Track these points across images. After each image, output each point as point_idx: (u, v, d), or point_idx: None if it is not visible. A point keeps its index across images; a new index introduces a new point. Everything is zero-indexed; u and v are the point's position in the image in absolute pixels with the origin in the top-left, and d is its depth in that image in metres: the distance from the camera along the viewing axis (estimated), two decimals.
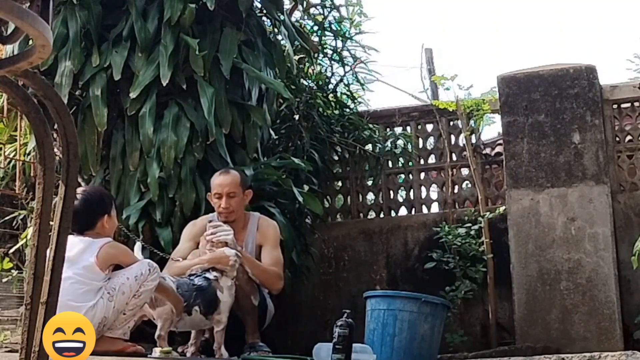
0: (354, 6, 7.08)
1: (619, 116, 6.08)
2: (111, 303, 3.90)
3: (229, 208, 4.78)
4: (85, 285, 3.89)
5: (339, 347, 4.12)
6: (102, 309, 3.88)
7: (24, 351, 1.52)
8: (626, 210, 5.88)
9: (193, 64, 5.09)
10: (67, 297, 3.71)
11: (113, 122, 5.29)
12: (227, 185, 4.78)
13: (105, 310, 3.89)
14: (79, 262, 3.92)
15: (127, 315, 4.00)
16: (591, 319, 5.49)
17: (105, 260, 3.97)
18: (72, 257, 3.83)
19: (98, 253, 3.95)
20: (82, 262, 3.92)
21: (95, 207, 4.14)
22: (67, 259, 3.94)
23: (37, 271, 1.46)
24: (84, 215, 4.04)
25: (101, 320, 3.89)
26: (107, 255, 3.98)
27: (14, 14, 1.10)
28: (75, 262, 3.89)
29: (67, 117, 1.42)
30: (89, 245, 3.99)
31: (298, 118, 6.41)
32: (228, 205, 4.77)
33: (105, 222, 4.14)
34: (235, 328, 4.60)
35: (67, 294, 3.76)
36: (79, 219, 3.95)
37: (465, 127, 6.32)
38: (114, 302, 3.91)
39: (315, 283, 6.44)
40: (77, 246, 3.95)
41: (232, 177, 4.82)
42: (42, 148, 1.41)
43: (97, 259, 3.94)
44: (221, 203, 4.78)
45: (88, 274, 3.91)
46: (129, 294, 3.94)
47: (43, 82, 1.37)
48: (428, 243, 6.31)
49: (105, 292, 3.92)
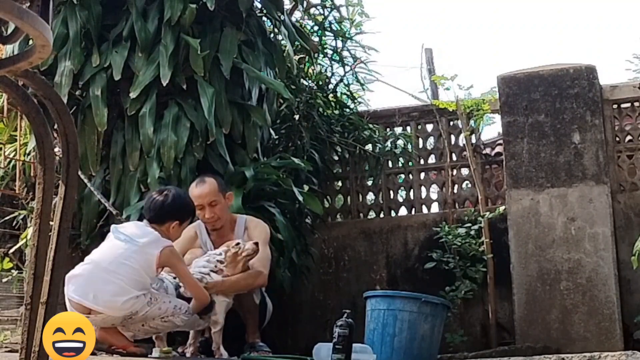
0: (354, 6, 7.08)
1: (619, 116, 6.08)
2: (148, 307, 3.99)
3: (214, 217, 4.71)
4: (140, 276, 3.98)
5: (339, 347, 4.12)
6: (139, 305, 3.97)
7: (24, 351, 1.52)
8: (626, 210, 5.88)
9: (193, 64, 5.09)
10: (121, 278, 3.89)
11: (113, 122, 5.29)
12: (206, 196, 4.68)
13: (141, 308, 3.97)
14: (143, 251, 4.01)
15: (144, 329, 4.09)
16: (591, 319, 5.49)
17: (164, 261, 4.08)
18: (138, 239, 4.01)
19: (162, 251, 4.04)
20: (145, 252, 4.02)
21: (177, 209, 4.28)
22: (133, 237, 4.04)
23: (37, 271, 1.46)
24: (164, 209, 4.21)
25: (133, 313, 3.96)
26: (167, 258, 4.08)
27: (14, 14, 1.10)
28: (140, 248, 4.01)
29: (67, 117, 1.42)
30: (157, 240, 4.09)
31: (298, 118, 6.41)
32: (212, 214, 4.70)
33: (173, 227, 4.26)
34: (235, 328, 4.60)
35: (123, 274, 3.91)
36: (157, 210, 4.19)
37: (465, 127, 6.32)
38: (149, 309, 4.00)
39: (315, 283, 6.44)
40: (147, 235, 4.09)
41: (209, 185, 4.71)
42: (42, 148, 1.41)
43: (159, 257, 4.03)
44: (205, 213, 4.71)
45: (146, 267, 4.01)
46: (161, 314, 4.04)
47: (43, 82, 1.37)
48: (428, 243, 6.31)
49: (149, 294, 4.02)
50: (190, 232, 4.79)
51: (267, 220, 5.22)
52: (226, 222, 4.79)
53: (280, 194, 5.54)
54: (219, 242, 4.75)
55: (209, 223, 4.75)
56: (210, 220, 4.72)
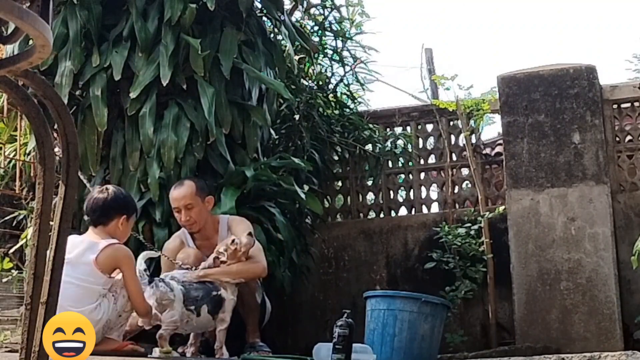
0: (354, 6, 7.08)
1: (619, 116, 6.08)
2: (115, 305, 3.90)
3: (190, 220, 4.68)
4: (83, 289, 3.86)
5: (339, 347, 4.12)
6: (105, 312, 3.88)
7: (24, 351, 1.52)
8: (626, 210, 5.88)
9: (193, 64, 5.09)
10: (67, 302, 3.67)
11: (113, 122, 5.29)
12: (182, 199, 4.66)
13: (110, 312, 3.89)
14: (79, 264, 3.89)
15: (122, 317, 4.00)
16: (591, 319, 5.49)
17: (105, 262, 3.94)
18: (72, 258, 3.79)
19: (99, 254, 3.93)
20: (81, 263, 3.90)
21: (119, 204, 4.18)
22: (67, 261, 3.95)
23: (37, 271, 1.46)
24: (105, 208, 4.10)
25: (105, 323, 3.88)
26: (108, 257, 3.95)
27: (14, 14, 1.10)
28: (75, 265, 3.85)
29: (67, 117, 1.42)
30: (91, 246, 3.97)
31: (298, 118, 6.41)
32: (188, 217, 4.67)
33: (121, 222, 4.16)
34: (236, 328, 4.60)
35: (66, 298, 3.75)
36: (98, 210, 4.06)
37: (465, 127, 6.32)
38: (117, 305, 3.91)
39: (315, 283, 6.44)
40: (78, 247, 3.94)
41: (186, 189, 4.68)
42: (42, 148, 1.41)
43: (96, 260, 3.91)
44: (181, 217, 4.69)
45: (87, 277, 3.89)
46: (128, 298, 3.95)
47: (43, 82, 1.37)
48: (428, 243, 6.31)
49: (110, 294, 3.92)
50: (176, 241, 4.78)
51: (267, 220, 5.24)
52: (208, 225, 4.77)
53: (281, 194, 5.54)
54: (204, 245, 4.74)
55: (185, 227, 4.74)
56: (186, 223, 4.70)
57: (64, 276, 3.75)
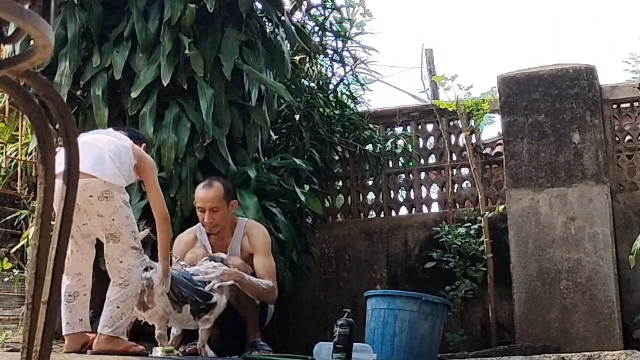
0: (355, 7, 7.09)
1: (619, 116, 6.09)
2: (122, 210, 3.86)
3: (212, 222, 4.69)
4: (121, 163, 3.89)
5: (340, 346, 4.13)
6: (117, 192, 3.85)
7: (25, 351, 1.52)
8: (626, 210, 5.89)
9: (193, 64, 5.10)
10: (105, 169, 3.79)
11: (114, 122, 5.29)
12: (209, 201, 4.66)
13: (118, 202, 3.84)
14: (119, 145, 3.95)
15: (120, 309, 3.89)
16: (591, 318, 5.50)
17: (137, 154, 4.00)
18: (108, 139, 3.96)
19: (134, 148, 4.02)
20: (120, 144, 3.97)
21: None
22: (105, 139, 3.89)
23: (38, 271, 1.46)
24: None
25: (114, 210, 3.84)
26: (138, 152, 4.03)
27: (15, 15, 1.11)
28: (108, 142, 3.92)
29: (69, 116, 1.43)
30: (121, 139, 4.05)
31: (298, 118, 6.42)
32: (211, 219, 4.68)
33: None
34: (236, 327, 4.61)
35: (108, 166, 3.81)
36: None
37: (465, 127, 6.33)
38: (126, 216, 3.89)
39: (315, 282, 6.45)
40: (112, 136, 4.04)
41: (214, 191, 4.67)
42: (44, 148, 1.42)
43: (132, 147, 4.00)
44: (204, 217, 4.70)
45: (125, 155, 3.93)
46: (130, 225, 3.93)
47: (44, 82, 1.38)
48: (428, 242, 6.32)
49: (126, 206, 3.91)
50: (190, 236, 4.80)
51: (268, 221, 5.24)
52: (226, 227, 4.79)
53: (281, 194, 5.55)
54: (217, 245, 4.75)
55: (206, 227, 4.75)
56: (208, 225, 4.71)
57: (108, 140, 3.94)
